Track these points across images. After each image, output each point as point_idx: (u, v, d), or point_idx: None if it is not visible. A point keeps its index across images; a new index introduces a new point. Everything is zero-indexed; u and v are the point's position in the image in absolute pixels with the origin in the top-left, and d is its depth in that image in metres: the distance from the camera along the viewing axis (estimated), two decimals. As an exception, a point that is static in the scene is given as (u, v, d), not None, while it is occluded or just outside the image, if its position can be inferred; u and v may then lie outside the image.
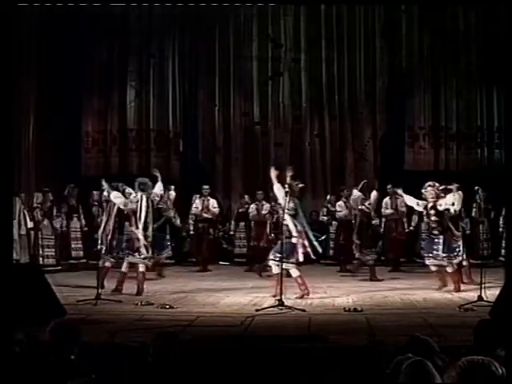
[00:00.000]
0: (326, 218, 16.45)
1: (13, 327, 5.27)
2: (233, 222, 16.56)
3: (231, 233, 16.59)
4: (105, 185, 11.83)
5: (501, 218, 15.21)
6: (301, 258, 10.83)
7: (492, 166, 17.03)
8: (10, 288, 5.45)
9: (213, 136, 18.10)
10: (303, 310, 9.67)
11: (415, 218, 15.74)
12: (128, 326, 8.39)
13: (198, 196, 15.62)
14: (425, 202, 11.94)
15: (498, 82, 17.01)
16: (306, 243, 10.84)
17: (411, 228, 15.72)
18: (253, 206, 15.82)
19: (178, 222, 15.08)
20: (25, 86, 15.54)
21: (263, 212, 15.57)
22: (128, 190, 11.64)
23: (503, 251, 14.79)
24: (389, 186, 14.99)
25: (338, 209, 15.14)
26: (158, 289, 12.08)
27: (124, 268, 11.51)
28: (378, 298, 11.01)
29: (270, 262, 11.03)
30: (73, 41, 16.98)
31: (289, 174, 10.88)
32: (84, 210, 15.65)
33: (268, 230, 15.33)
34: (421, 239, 15.76)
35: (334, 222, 15.89)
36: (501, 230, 15.23)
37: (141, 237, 11.23)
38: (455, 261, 11.75)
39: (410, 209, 15.43)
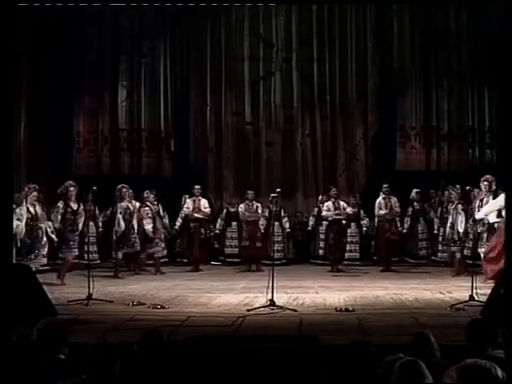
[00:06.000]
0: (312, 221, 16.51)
1: (11, 327, 5.24)
2: (219, 221, 16.46)
3: (217, 231, 16.47)
4: None
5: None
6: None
7: (483, 165, 17.03)
8: (7, 288, 5.43)
9: (204, 136, 18.05)
10: (294, 310, 9.67)
11: (407, 219, 15.75)
12: (119, 326, 8.37)
13: (187, 196, 15.55)
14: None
15: (489, 82, 17.04)
16: None
17: (405, 230, 15.67)
18: (242, 205, 15.74)
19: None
20: (16, 85, 15.46)
21: (259, 211, 15.55)
22: None
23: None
24: (385, 185, 14.97)
25: (324, 208, 15.13)
26: (150, 288, 12.10)
27: None
28: (370, 298, 11.02)
29: None
30: (64, 40, 16.94)
31: None
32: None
33: (262, 230, 15.38)
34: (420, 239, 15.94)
35: (324, 222, 15.77)
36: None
37: None
38: None
39: (404, 209, 15.48)
